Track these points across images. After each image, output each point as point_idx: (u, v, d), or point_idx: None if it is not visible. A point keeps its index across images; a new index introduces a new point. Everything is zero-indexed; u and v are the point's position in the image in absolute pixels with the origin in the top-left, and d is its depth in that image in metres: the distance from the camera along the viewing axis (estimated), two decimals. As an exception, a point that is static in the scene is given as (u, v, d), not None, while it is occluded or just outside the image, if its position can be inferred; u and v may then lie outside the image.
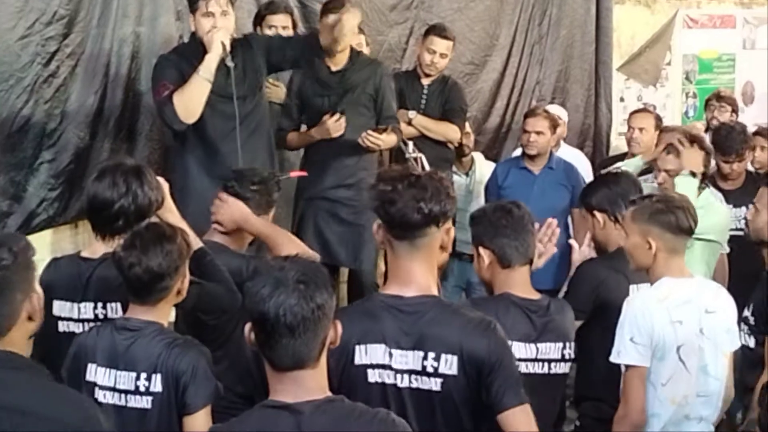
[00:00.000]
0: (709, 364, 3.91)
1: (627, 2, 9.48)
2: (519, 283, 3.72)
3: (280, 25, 6.26)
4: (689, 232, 3.96)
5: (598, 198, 4.62)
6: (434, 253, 3.14)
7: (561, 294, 4.53)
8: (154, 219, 3.82)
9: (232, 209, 4.34)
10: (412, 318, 3.07)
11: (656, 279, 3.95)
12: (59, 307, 3.86)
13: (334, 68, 6.12)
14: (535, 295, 3.76)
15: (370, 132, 5.93)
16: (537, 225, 3.91)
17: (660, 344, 3.82)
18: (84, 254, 3.92)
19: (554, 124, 6.64)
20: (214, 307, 3.92)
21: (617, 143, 8.82)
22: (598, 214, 4.58)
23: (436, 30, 6.83)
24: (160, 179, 3.97)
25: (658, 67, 9.48)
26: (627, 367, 3.87)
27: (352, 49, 6.14)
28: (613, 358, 3.88)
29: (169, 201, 3.98)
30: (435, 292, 3.16)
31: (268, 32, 6.22)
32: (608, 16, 8.75)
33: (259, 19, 6.38)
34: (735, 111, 8.07)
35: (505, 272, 3.71)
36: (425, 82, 6.79)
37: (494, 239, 3.71)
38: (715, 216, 5.45)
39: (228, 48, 5.25)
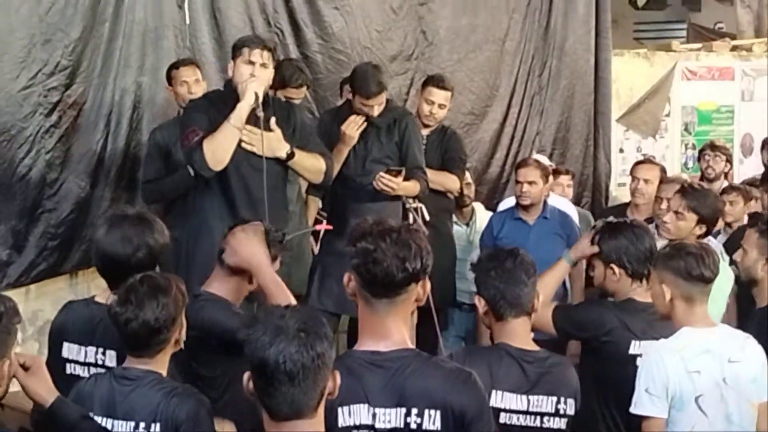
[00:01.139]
0: (734, 413, 3.87)
1: (626, 54, 9.56)
2: (516, 335, 3.68)
3: (191, 79, 6.19)
4: (702, 279, 3.91)
5: (618, 252, 4.39)
6: (410, 307, 3.09)
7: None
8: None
9: (253, 248, 4.15)
10: (393, 373, 3.01)
11: (678, 329, 3.92)
12: (68, 350, 3.87)
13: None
14: (534, 347, 3.72)
15: (382, 174, 5.86)
16: None
17: (677, 395, 3.80)
18: (97, 299, 3.93)
19: (546, 174, 6.64)
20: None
21: (616, 194, 8.86)
22: (615, 268, 4.37)
23: (434, 81, 6.83)
24: None
25: (657, 118, 9.53)
26: (644, 417, 3.84)
27: None
28: (632, 409, 3.85)
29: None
30: (411, 344, 3.09)
31: (180, 89, 6.17)
32: (607, 68, 8.82)
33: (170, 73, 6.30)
34: (729, 161, 8.10)
35: (499, 324, 3.69)
36: (424, 132, 6.72)
37: (486, 289, 3.70)
38: (726, 281, 5.36)
39: (261, 99, 5.19)
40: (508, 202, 7.14)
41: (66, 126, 6.05)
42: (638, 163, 7.33)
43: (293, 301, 4.16)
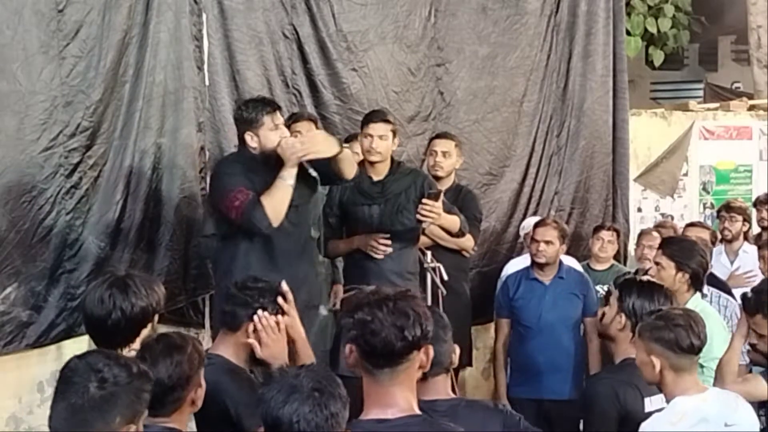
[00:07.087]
0: None
1: (643, 113, 9.58)
2: (437, 392, 3.55)
3: (304, 130, 6.32)
4: (692, 350, 3.88)
5: (633, 306, 4.51)
6: (414, 373, 3.03)
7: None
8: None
9: (299, 329, 4.06)
10: None
11: (670, 399, 3.89)
12: None
13: (375, 178, 6.14)
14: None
15: (425, 201, 5.82)
16: None
17: None
18: None
19: (563, 234, 6.66)
20: None
21: (635, 253, 8.82)
22: (623, 318, 4.51)
23: (437, 135, 7.00)
24: None
25: (675, 177, 9.53)
26: None
27: (392, 160, 6.20)
28: None
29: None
30: (417, 410, 3.04)
31: None
32: (624, 128, 8.83)
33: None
34: (747, 220, 8.10)
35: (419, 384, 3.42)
36: (439, 190, 6.77)
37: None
38: (721, 342, 5.25)
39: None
40: (516, 263, 7.18)
41: (86, 187, 6.08)
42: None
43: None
